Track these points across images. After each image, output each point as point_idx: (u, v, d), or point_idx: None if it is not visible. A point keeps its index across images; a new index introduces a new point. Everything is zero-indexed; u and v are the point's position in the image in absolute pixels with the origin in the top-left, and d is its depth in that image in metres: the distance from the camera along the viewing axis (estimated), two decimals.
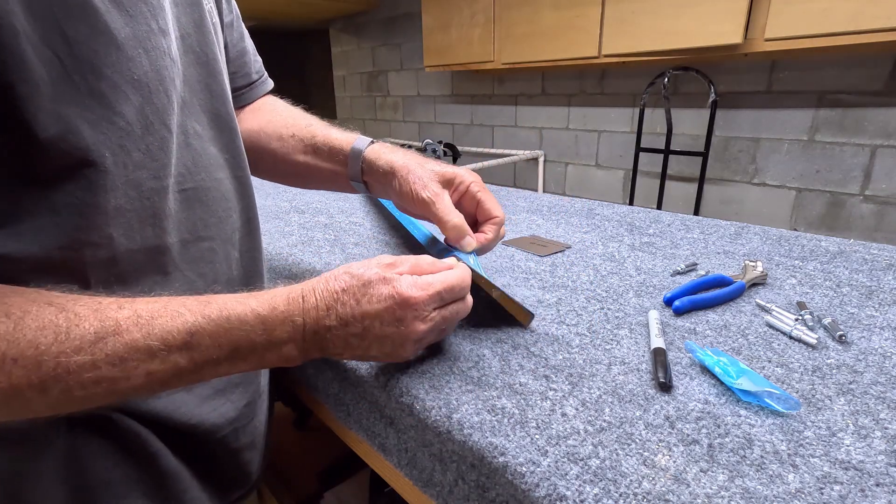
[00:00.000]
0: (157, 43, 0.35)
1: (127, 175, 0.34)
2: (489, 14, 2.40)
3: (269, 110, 0.59)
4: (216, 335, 0.32)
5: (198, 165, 0.41)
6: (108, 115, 0.32)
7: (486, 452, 0.34)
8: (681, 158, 2.15)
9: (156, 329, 0.31)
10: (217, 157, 0.44)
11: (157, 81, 0.35)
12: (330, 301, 0.36)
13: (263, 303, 0.35)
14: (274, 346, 0.35)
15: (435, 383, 0.41)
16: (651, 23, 1.84)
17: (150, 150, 0.35)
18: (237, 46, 0.54)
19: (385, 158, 0.49)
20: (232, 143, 0.45)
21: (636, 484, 0.30)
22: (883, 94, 1.66)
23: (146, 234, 0.36)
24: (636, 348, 0.45)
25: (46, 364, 0.27)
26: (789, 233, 0.76)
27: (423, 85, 3.38)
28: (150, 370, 0.30)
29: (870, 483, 0.30)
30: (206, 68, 0.42)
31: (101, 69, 0.31)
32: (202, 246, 0.42)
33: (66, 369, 0.28)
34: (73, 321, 0.29)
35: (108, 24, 0.31)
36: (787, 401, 0.36)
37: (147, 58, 0.34)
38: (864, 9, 1.39)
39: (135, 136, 0.34)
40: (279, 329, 0.35)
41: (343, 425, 0.51)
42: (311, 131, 0.56)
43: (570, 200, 1.01)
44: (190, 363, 0.32)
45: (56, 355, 0.27)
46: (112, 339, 0.29)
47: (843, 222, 1.83)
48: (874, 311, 0.51)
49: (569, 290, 0.57)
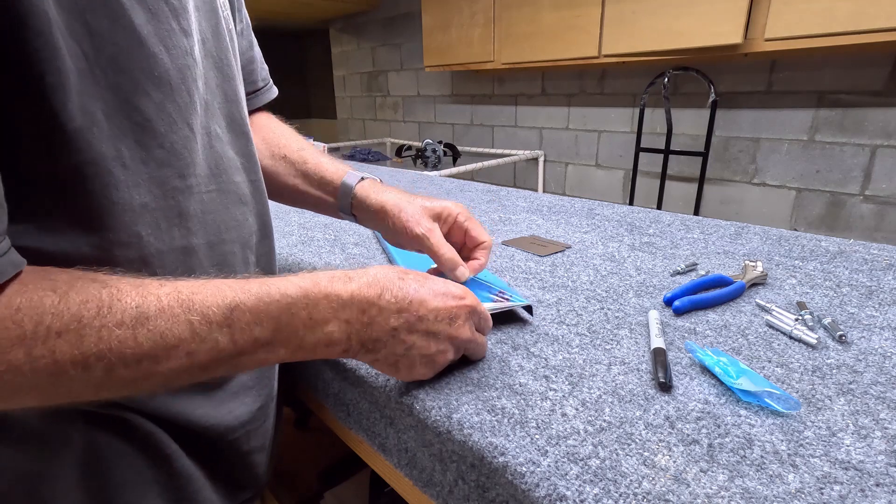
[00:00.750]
0: (179, 42, 0.35)
1: (149, 172, 0.34)
2: (489, 14, 2.40)
3: (262, 127, 0.61)
4: (257, 311, 0.32)
5: (219, 167, 0.41)
6: (126, 111, 0.32)
7: (486, 452, 0.34)
8: (681, 158, 2.15)
9: (196, 304, 0.30)
10: (235, 160, 0.44)
11: (180, 80, 0.35)
12: (385, 282, 0.36)
13: (305, 279, 0.34)
14: (316, 325, 0.34)
15: (435, 383, 0.41)
16: (651, 23, 1.84)
17: (174, 148, 0.35)
18: (246, 55, 0.55)
19: (375, 198, 0.52)
20: (246, 147, 0.46)
21: (636, 484, 0.30)
22: (883, 94, 1.66)
23: (173, 235, 0.36)
24: (636, 348, 0.45)
25: (89, 338, 0.27)
26: (789, 233, 0.76)
27: (423, 85, 3.38)
28: (189, 350, 0.30)
29: (870, 483, 0.30)
30: (222, 73, 0.43)
31: (121, 63, 0.31)
32: (224, 249, 0.42)
33: (108, 344, 0.27)
34: (116, 296, 0.29)
35: (131, 20, 0.31)
36: (787, 401, 0.36)
37: (168, 56, 0.34)
38: (864, 9, 1.39)
39: (155, 132, 0.34)
40: (322, 304, 0.34)
41: (343, 425, 0.51)
42: (303, 156, 0.58)
43: (570, 200, 1.01)
44: (230, 343, 0.31)
45: (98, 329, 0.27)
46: (153, 313, 0.29)
47: (843, 222, 1.83)
48: (874, 311, 0.51)
49: (569, 290, 0.57)
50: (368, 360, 0.38)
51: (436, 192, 1.12)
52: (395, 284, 0.37)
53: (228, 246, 0.42)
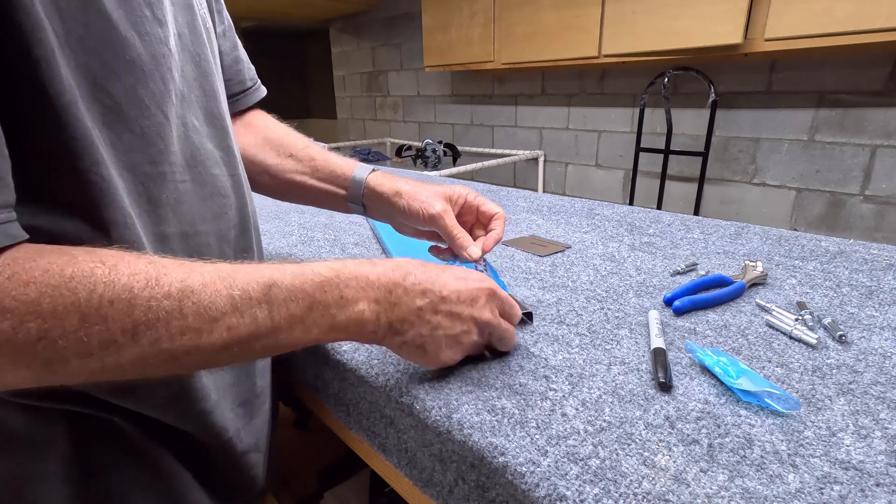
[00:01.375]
0: (153, 30, 0.35)
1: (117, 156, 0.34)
2: (489, 14, 2.40)
3: (262, 127, 0.61)
4: (293, 288, 0.33)
5: (196, 158, 0.41)
6: (94, 91, 0.32)
7: (486, 452, 0.34)
8: (681, 158, 2.15)
9: (237, 280, 0.31)
10: (213, 152, 0.44)
11: (153, 66, 0.35)
12: (409, 266, 0.38)
13: (335, 262, 0.37)
14: (348, 303, 0.35)
15: (435, 383, 0.41)
16: (651, 23, 1.84)
17: (146, 134, 0.35)
18: (231, 55, 0.56)
19: (389, 185, 0.55)
20: (225, 141, 0.46)
21: (636, 484, 0.30)
22: (883, 94, 1.66)
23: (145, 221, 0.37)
24: (636, 348, 0.45)
25: (139, 308, 0.28)
26: (789, 233, 0.76)
27: (423, 85, 3.38)
28: (230, 324, 0.31)
29: (870, 483, 0.30)
30: (199, 68, 0.43)
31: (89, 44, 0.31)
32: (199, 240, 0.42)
33: (156, 314, 0.28)
34: (162, 270, 0.29)
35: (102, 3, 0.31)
36: (787, 401, 0.36)
37: (141, 42, 0.34)
38: (864, 9, 1.39)
39: (125, 116, 0.34)
40: (352, 284, 0.36)
41: (343, 425, 0.51)
42: (310, 153, 0.59)
43: (570, 200, 1.01)
44: (268, 319, 0.32)
45: (147, 299, 0.28)
46: (197, 288, 0.30)
47: (843, 222, 1.83)
48: (874, 311, 0.51)
49: (569, 290, 0.57)
50: (396, 345, 0.39)
51: None
52: (417, 269, 0.39)
53: (203, 238, 0.42)
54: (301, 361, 0.55)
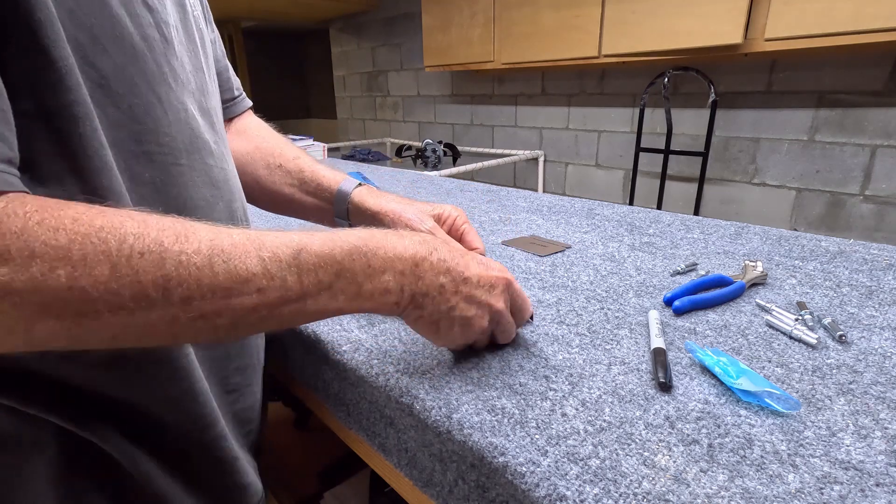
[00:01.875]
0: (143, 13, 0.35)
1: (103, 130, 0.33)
2: (489, 14, 2.40)
3: (255, 135, 0.61)
4: (322, 254, 0.33)
5: (194, 145, 0.41)
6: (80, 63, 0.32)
7: (486, 452, 0.34)
8: (681, 158, 2.15)
9: (267, 243, 0.31)
10: (208, 143, 0.44)
11: (145, 48, 0.35)
12: (435, 243, 0.39)
13: (363, 231, 0.37)
14: (374, 273, 0.35)
15: (435, 383, 0.41)
16: (651, 23, 1.84)
17: (133, 112, 0.35)
18: (220, 63, 0.56)
19: (373, 202, 0.54)
20: (216, 135, 0.46)
21: (636, 484, 0.30)
22: (883, 94, 1.66)
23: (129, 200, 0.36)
24: (636, 348, 0.45)
25: (169, 262, 0.27)
26: (789, 233, 0.76)
27: (423, 85, 3.38)
28: (260, 286, 0.30)
29: (870, 483, 0.30)
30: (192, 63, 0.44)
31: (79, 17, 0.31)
32: None
33: (187, 270, 0.28)
34: (190, 229, 0.29)
35: None
36: (787, 401, 0.36)
37: (132, 22, 0.34)
38: (864, 9, 1.39)
39: (111, 92, 0.34)
40: (380, 254, 0.35)
41: (343, 425, 0.51)
42: (299, 165, 0.59)
43: (570, 200, 1.01)
44: (297, 283, 0.32)
45: (178, 254, 0.28)
46: (227, 247, 0.30)
47: (843, 222, 1.83)
48: (874, 311, 0.51)
49: (569, 290, 0.57)
50: (413, 318, 0.39)
51: (436, 191, 1.12)
52: (443, 247, 0.39)
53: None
54: (301, 361, 0.55)
